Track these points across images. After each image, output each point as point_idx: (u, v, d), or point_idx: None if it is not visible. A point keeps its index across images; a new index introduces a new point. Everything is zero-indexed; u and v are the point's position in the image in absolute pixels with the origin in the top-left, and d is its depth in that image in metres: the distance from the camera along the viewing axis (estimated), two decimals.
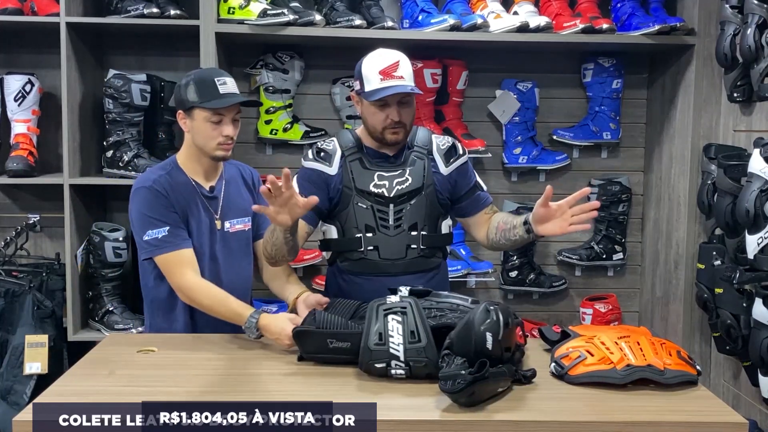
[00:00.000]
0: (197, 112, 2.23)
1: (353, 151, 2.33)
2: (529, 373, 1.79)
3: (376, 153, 2.34)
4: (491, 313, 1.70)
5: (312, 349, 1.88)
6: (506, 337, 1.71)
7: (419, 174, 2.32)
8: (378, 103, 2.24)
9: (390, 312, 1.79)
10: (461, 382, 1.59)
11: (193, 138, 2.28)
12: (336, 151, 2.33)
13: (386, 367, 1.76)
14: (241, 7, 3.11)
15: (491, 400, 1.67)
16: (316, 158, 2.33)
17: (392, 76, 2.22)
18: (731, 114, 3.04)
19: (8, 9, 3.16)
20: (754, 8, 2.70)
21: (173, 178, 2.29)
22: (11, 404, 3.03)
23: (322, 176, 2.31)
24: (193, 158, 2.32)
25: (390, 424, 1.58)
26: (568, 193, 3.73)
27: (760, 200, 2.46)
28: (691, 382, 1.81)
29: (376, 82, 2.23)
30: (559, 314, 3.69)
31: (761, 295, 2.50)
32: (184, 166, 2.33)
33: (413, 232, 2.30)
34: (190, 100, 2.23)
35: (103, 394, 1.70)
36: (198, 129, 2.25)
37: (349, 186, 2.30)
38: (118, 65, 3.40)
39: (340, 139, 2.37)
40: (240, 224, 2.38)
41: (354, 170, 2.31)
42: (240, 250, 2.39)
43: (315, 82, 3.56)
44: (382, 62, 2.25)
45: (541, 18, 3.22)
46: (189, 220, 2.28)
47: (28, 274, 3.24)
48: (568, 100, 3.66)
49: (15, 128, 3.29)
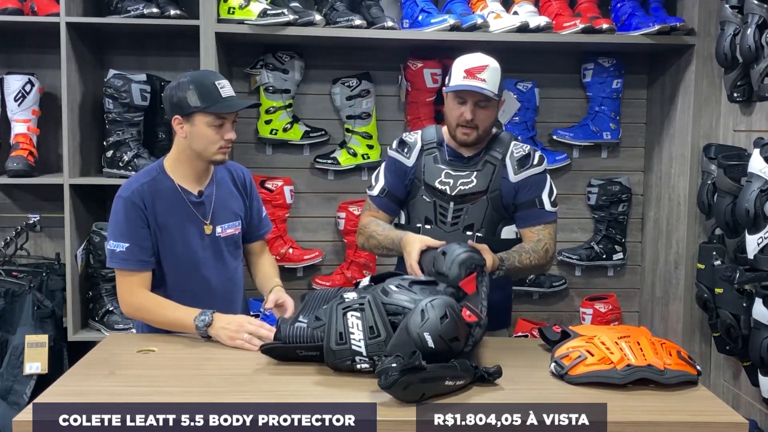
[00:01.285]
0: (199, 117, 2.18)
1: (432, 146, 2.42)
2: (492, 369, 1.77)
3: (453, 152, 2.40)
4: (426, 312, 1.73)
5: (283, 357, 1.92)
6: (448, 330, 1.73)
7: (486, 178, 2.35)
8: (457, 100, 2.32)
9: (349, 309, 1.83)
10: (392, 374, 1.61)
11: (191, 143, 2.22)
12: (416, 143, 2.43)
13: (351, 363, 1.79)
14: (241, 7, 3.11)
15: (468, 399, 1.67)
16: (398, 149, 2.45)
17: (475, 77, 2.29)
18: (731, 114, 3.04)
19: (8, 9, 3.16)
20: (754, 8, 2.71)
21: (158, 184, 2.24)
22: (11, 404, 3.03)
23: (400, 166, 2.43)
24: (183, 163, 2.27)
25: (390, 424, 1.58)
26: (568, 193, 3.75)
27: (760, 200, 2.46)
28: (691, 382, 1.81)
29: (458, 78, 2.30)
30: (559, 314, 3.69)
31: (761, 295, 2.50)
32: (172, 172, 2.27)
33: (468, 232, 2.34)
34: (192, 105, 2.17)
35: (103, 394, 1.70)
36: (198, 134, 2.20)
37: (419, 178, 2.40)
38: (118, 65, 3.40)
39: (424, 132, 2.46)
40: (231, 228, 2.35)
41: (427, 164, 2.40)
42: (230, 253, 2.37)
43: (315, 82, 3.56)
44: (471, 62, 2.32)
45: (541, 18, 3.22)
46: (171, 228, 2.24)
47: (28, 274, 3.24)
48: (568, 100, 3.66)
49: (15, 128, 3.29)
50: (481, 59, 2.34)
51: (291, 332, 1.89)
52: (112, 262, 2.23)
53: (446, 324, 1.73)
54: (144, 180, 2.25)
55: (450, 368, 1.71)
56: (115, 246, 2.20)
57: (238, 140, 3.51)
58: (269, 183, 3.43)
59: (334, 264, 3.62)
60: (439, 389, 1.68)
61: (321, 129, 3.52)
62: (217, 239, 2.32)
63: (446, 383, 1.69)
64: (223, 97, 2.19)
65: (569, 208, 3.69)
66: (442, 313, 1.73)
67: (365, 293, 1.89)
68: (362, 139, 3.49)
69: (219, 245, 2.33)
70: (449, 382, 1.69)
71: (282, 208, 3.46)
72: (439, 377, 1.68)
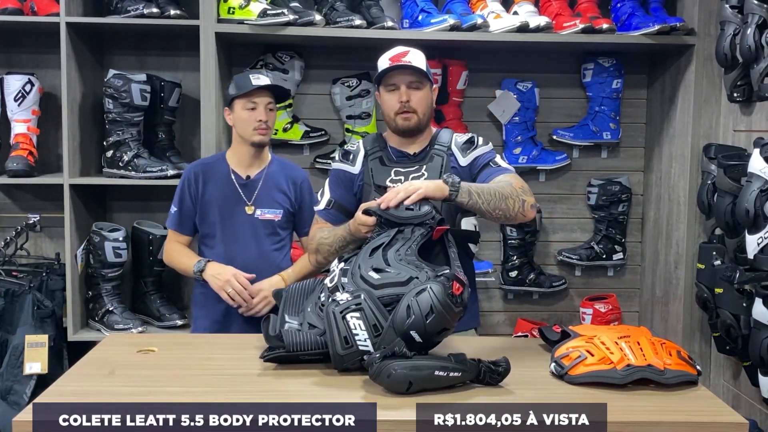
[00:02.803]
0: (236, 103, 2.60)
1: (376, 150, 2.41)
2: (499, 361, 1.74)
3: (398, 152, 2.40)
4: (411, 309, 1.72)
5: (284, 362, 1.91)
6: (435, 324, 1.72)
7: (436, 170, 2.34)
8: (389, 88, 2.34)
9: (347, 311, 1.79)
10: (375, 363, 1.65)
11: (236, 129, 2.65)
12: (359, 151, 2.43)
13: (362, 362, 1.78)
14: (241, 7, 3.11)
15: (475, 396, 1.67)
16: (342, 159, 2.46)
17: (400, 61, 2.32)
18: (731, 114, 3.04)
19: (8, 9, 3.16)
20: (754, 8, 2.70)
21: (215, 167, 2.69)
22: (11, 404, 3.03)
23: (346, 175, 2.42)
24: (237, 150, 2.70)
25: (390, 424, 1.58)
26: (569, 193, 3.75)
27: (760, 200, 2.46)
28: (691, 382, 1.81)
29: (384, 65, 2.34)
30: (559, 314, 3.69)
31: (761, 295, 2.50)
32: (229, 159, 2.71)
33: None
34: (231, 94, 2.62)
35: (103, 394, 1.70)
36: (238, 118, 2.62)
37: (368, 182, 2.39)
38: (118, 65, 3.40)
39: (365, 140, 2.47)
40: (270, 214, 2.67)
41: (374, 168, 2.39)
42: (267, 236, 2.68)
43: (315, 82, 3.57)
44: (393, 51, 2.37)
45: (541, 18, 3.22)
46: (214, 204, 2.65)
47: (28, 274, 3.24)
48: (568, 100, 3.66)
49: (15, 128, 3.29)
50: (403, 48, 2.38)
51: (293, 339, 1.87)
52: (167, 221, 2.75)
53: (432, 319, 1.72)
54: (207, 161, 2.77)
55: (440, 359, 1.70)
56: (172, 208, 2.71)
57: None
58: None
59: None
60: (429, 380, 1.67)
61: (321, 129, 3.52)
62: (256, 220, 2.66)
63: (436, 374, 1.67)
64: (252, 84, 2.59)
65: (569, 208, 3.69)
66: (427, 310, 1.72)
67: (357, 291, 1.84)
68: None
69: (257, 226, 2.66)
70: (440, 373, 1.68)
71: None
72: (425, 366, 1.67)
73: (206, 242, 2.70)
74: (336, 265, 2.02)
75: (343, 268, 1.96)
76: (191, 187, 2.67)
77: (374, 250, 1.93)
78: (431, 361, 1.70)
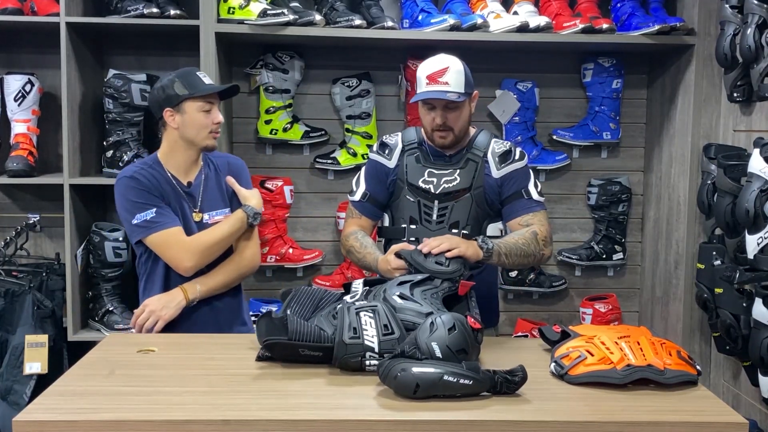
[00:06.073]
0: (188, 104, 2.35)
1: (413, 146, 2.43)
2: (516, 370, 1.72)
3: (435, 151, 2.41)
4: (435, 324, 1.74)
5: (282, 355, 1.90)
6: (456, 341, 1.72)
7: (469, 175, 2.36)
8: (426, 107, 2.34)
9: (361, 310, 1.85)
10: (384, 364, 1.67)
11: (183, 132, 2.38)
12: (397, 145, 2.44)
13: (361, 359, 1.79)
14: (241, 7, 3.11)
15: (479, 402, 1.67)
16: (379, 151, 2.46)
17: (437, 81, 2.30)
18: (731, 114, 3.04)
19: (8, 9, 3.16)
20: (754, 8, 2.71)
21: (154, 172, 2.39)
22: (11, 404, 3.03)
23: (382, 168, 2.44)
24: (175, 154, 2.42)
25: (390, 424, 1.58)
26: (568, 193, 3.75)
27: (760, 200, 2.46)
28: (691, 382, 1.81)
29: (422, 86, 2.32)
30: (559, 314, 3.69)
31: (761, 295, 2.50)
32: (165, 163, 2.43)
33: (454, 230, 2.35)
34: (180, 94, 2.35)
35: (103, 394, 1.70)
36: (190, 120, 2.36)
37: (402, 179, 2.41)
38: (118, 65, 3.40)
39: (404, 134, 2.48)
40: (219, 215, 2.46)
41: (409, 165, 2.41)
42: None
43: (315, 82, 3.57)
44: (432, 67, 2.33)
45: (541, 18, 3.22)
46: (173, 210, 2.39)
47: (28, 274, 3.24)
48: (568, 100, 3.66)
49: (15, 128, 3.29)
50: (441, 62, 2.34)
51: (299, 330, 1.85)
52: (147, 232, 2.33)
53: (454, 335, 1.72)
54: (141, 166, 2.42)
55: (450, 365, 1.67)
56: (144, 215, 2.32)
57: (239, 140, 3.55)
58: (269, 183, 3.43)
59: (333, 264, 3.62)
60: (438, 384, 1.65)
61: (321, 129, 3.52)
62: (206, 227, 2.43)
63: (445, 378, 1.65)
64: (205, 84, 2.39)
65: (569, 208, 3.69)
66: (450, 325, 1.73)
67: (374, 302, 1.89)
68: (362, 139, 3.49)
69: None
70: (449, 378, 1.65)
71: (282, 208, 3.46)
72: (435, 370, 1.65)
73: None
74: (360, 284, 2.08)
75: (368, 289, 2.04)
76: (149, 185, 2.35)
77: (403, 283, 2.00)
78: (439, 363, 1.68)
